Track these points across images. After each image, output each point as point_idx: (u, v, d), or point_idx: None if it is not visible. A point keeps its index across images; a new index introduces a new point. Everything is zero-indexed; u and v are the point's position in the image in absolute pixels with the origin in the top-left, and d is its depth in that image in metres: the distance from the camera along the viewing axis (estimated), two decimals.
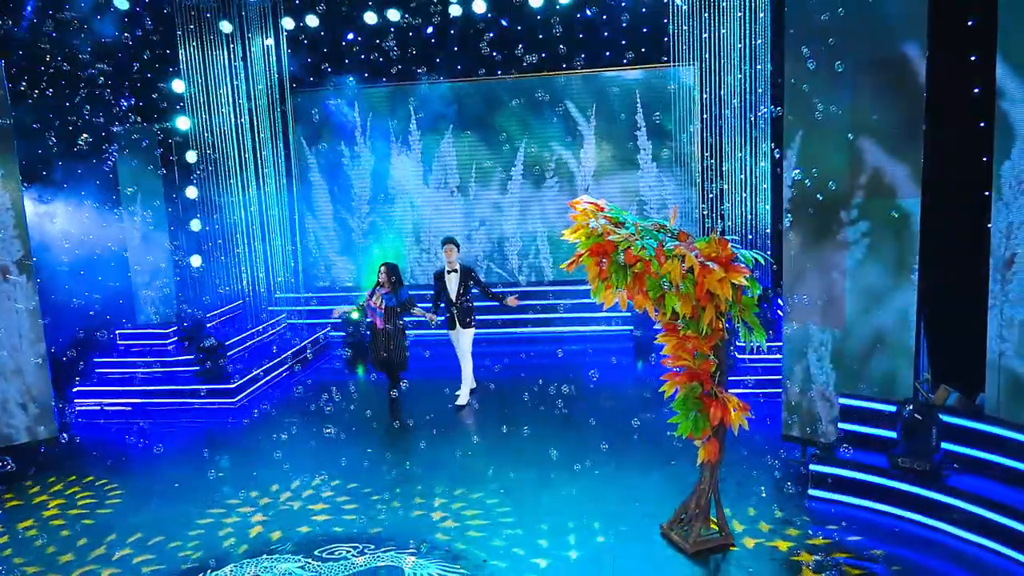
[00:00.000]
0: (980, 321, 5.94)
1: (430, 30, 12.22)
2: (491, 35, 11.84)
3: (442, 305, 8.79)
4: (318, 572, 5.43)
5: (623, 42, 11.96)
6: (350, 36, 12.47)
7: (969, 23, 6.16)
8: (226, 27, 11.50)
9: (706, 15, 11.05)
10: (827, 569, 5.18)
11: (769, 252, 9.84)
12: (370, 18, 12.10)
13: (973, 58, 6.11)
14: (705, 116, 11.68)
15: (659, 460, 6.96)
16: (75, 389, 9.65)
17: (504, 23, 12.08)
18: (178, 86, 11.29)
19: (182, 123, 11.33)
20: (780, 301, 8.82)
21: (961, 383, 6.28)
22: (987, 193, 5.91)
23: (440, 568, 5.43)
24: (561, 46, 10.52)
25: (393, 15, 12.08)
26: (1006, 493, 5.44)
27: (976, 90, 6.04)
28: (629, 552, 5.54)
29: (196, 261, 11.71)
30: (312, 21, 12.35)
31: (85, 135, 9.43)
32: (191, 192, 11.57)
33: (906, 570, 5.19)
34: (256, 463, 7.57)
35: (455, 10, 11.91)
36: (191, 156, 11.49)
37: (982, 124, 6.00)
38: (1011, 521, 5.21)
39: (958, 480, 5.70)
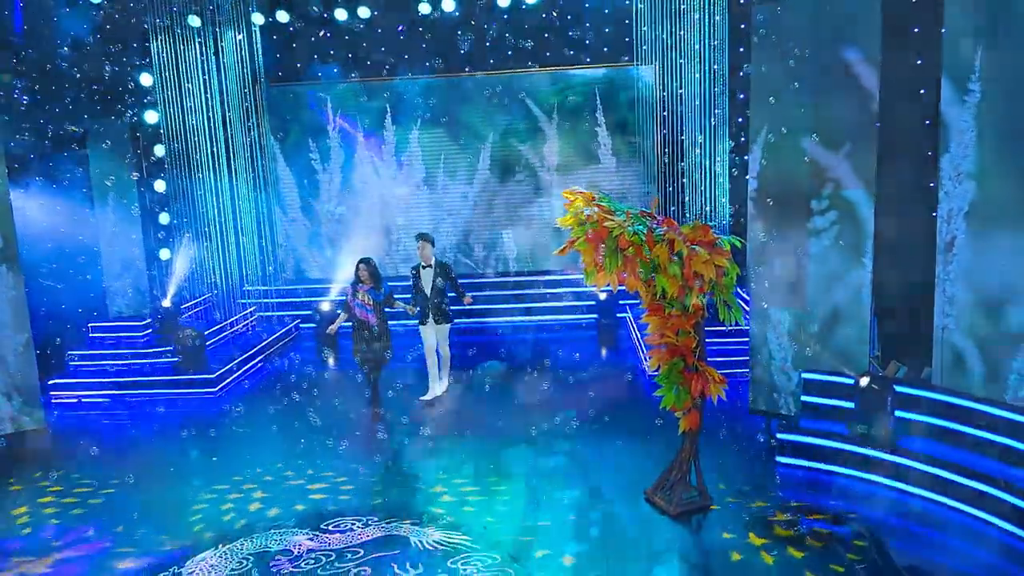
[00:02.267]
0: (929, 302, 6.57)
1: (400, 27, 12.49)
2: (460, 33, 12.19)
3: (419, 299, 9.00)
4: (327, 543, 5.74)
5: (587, 41, 12.44)
6: (321, 32, 12.63)
7: (915, 30, 6.79)
8: (195, 21, 11.54)
9: (667, 19, 11.59)
10: (796, 526, 5.72)
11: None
12: (340, 14, 12.30)
13: (919, 61, 6.75)
14: (664, 113, 12.25)
15: (637, 434, 7.43)
16: (51, 381, 9.64)
17: (473, 22, 12.41)
18: (146, 80, 11.31)
19: (150, 117, 11.37)
20: (739, 289, 9.39)
21: (910, 359, 6.92)
22: (931, 185, 6.55)
23: (443, 535, 5.80)
24: (528, 43, 10.89)
25: (363, 12, 12.30)
26: (953, 453, 6.07)
27: (923, 91, 6.67)
28: (618, 515, 5.99)
29: (165, 254, 11.75)
30: (282, 16, 12.46)
31: (58, 129, 9.44)
32: (160, 185, 11.60)
33: (869, 524, 5.74)
34: (247, 448, 7.76)
35: (424, 8, 12.21)
36: (159, 150, 11.53)
37: (927, 122, 6.64)
38: (959, 477, 5.85)
39: (910, 443, 6.31)
